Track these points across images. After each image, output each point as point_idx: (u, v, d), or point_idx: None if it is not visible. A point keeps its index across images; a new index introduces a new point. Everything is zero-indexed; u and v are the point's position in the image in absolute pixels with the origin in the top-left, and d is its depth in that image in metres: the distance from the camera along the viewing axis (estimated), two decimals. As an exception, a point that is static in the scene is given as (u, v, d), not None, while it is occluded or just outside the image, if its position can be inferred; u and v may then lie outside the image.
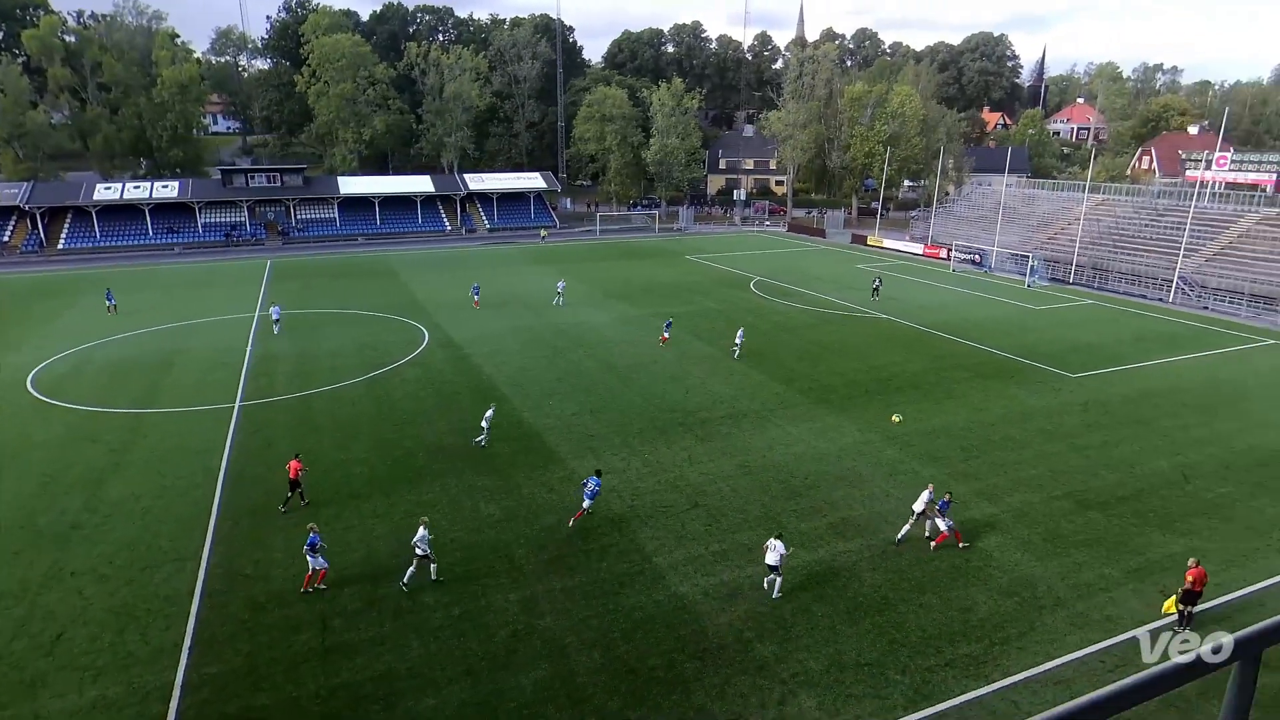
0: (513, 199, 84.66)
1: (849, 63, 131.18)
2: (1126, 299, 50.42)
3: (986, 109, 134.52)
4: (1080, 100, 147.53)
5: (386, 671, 14.63)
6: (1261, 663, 2.17)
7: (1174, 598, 16.04)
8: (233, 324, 41.14)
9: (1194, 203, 55.18)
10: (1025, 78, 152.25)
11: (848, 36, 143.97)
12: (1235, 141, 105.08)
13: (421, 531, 17.20)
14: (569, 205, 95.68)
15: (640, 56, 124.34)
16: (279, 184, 77.01)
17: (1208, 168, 62.08)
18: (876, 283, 49.35)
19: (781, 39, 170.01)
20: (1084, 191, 62.44)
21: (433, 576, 17.31)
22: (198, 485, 22.12)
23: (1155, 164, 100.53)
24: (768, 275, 55.88)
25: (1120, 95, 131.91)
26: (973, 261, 62.33)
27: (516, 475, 22.72)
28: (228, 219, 74.69)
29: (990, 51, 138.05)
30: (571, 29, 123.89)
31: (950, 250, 63.78)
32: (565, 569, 18.00)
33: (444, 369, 32.79)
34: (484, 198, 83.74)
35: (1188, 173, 67.96)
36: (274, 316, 39.37)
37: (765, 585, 17.14)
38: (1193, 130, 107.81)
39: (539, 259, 63.66)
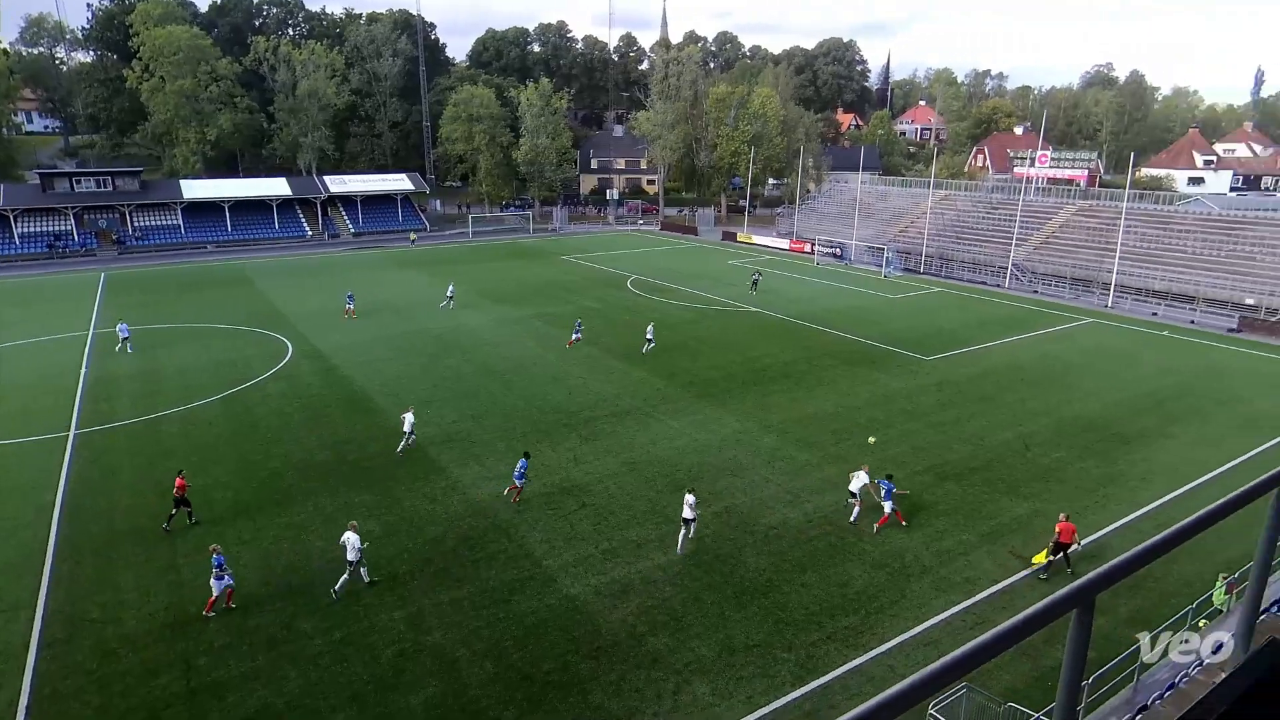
0: (378, 201, 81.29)
1: (712, 65, 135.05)
2: (970, 285, 54.83)
3: (840, 110, 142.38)
4: (922, 102, 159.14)
5: (262, 707, 13.69)
6: (1095, 607, 2.43)
7: (1045, 550, 18.34)
8: (62, 344, 37.14)
9: (1022, 197, 60.80)
10: (874, 81, 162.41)
11: (709, 39, 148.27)
12: (1053, 141, 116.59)
13: (352, 537, 16.91)
14: (439, 207, 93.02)
15: (506, 55, 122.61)
16: (111, 188, 70.16)
17: (1032, 165, 68.49)
18: (756, 276, 51.46)
19: (646, 40, 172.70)
20: (929, 188, 67.42)
21: (365, 579, 17.26)
22: (27, 525, 19.83)
23: (988, 161, 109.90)
24: (644, 273, 56.63)
25: (955, 98, 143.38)
26: (834, 255, 65.78)
27: (396, 489, 21.87)
28: (50, 228, 67.28)
29: (841, 56, 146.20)
30: (433, 25, 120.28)
31: (814, 244, 67.03)
32: (452, 580, 17.52)
33: (311, 382, 31.06)
34: (347, 201, 79.90)
35: (1016, 169, 74.78)
36: (122, 335, 35.80)
37: (679, 541, 18.73)
38: (1018, 130, 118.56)
39: (409, 263, 61.52)
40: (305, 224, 76.43)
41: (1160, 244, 52.15)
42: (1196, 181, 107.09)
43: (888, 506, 19.87)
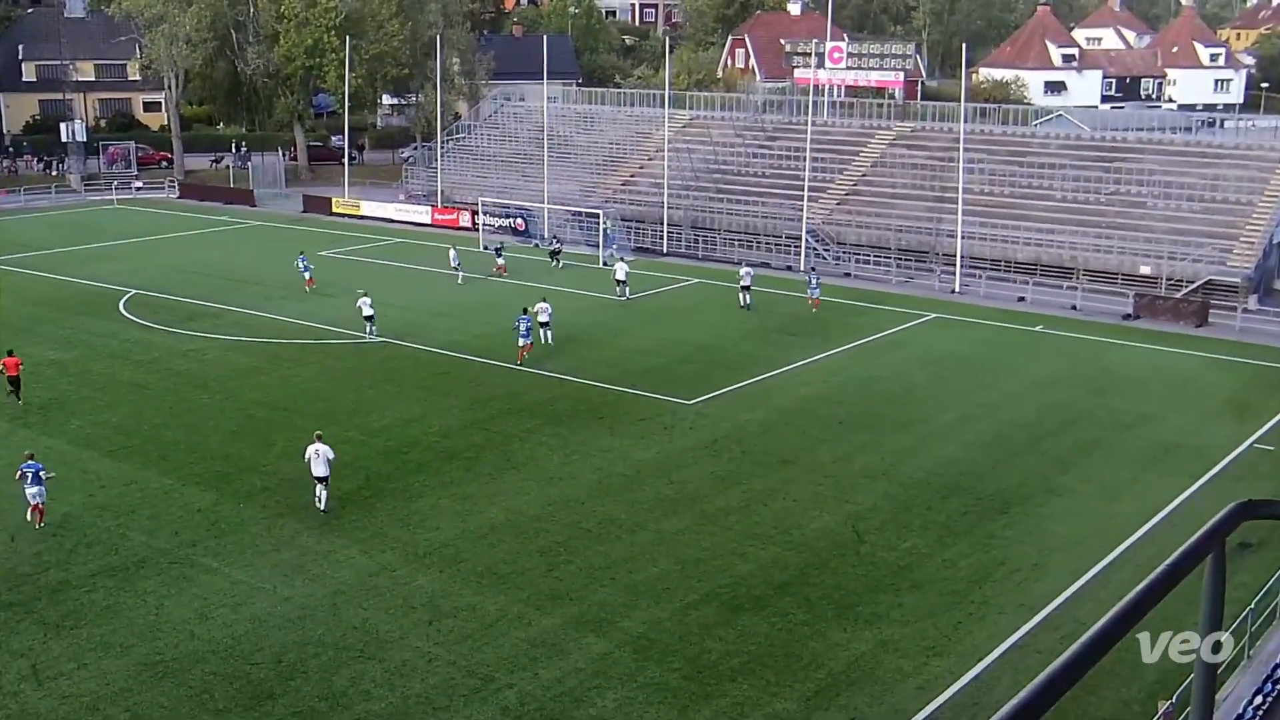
0: None
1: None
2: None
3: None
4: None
5: None
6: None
7: None
8: None
9: (810, 117, 67.78)
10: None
11: None
12: (848, 26, 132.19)
13: (322, 448, 28.10)
14: None
15: None
16: None
17: (821, 66, 76.84)
18: (555, 243, 60.89)
19: None
20: (664, 106, 72.36)
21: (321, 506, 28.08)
22: None
23: (754, 60, 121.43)
24: (153, 285, 53.86)
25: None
26: (514, 229, 67.86)
27: None
28: None
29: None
30: None
31: (476, 214, 68.65)
32: None
33: None
34: None
35: (796, 72, 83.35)
36: None
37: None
38: (794, 9, 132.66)
39: None
40: None
41: (1018, 186, 61.30)
42: (1056, 88, 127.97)
43: (817, 293, 48.48)
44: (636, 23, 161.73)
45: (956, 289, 55.46)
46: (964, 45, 75.75)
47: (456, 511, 29.02)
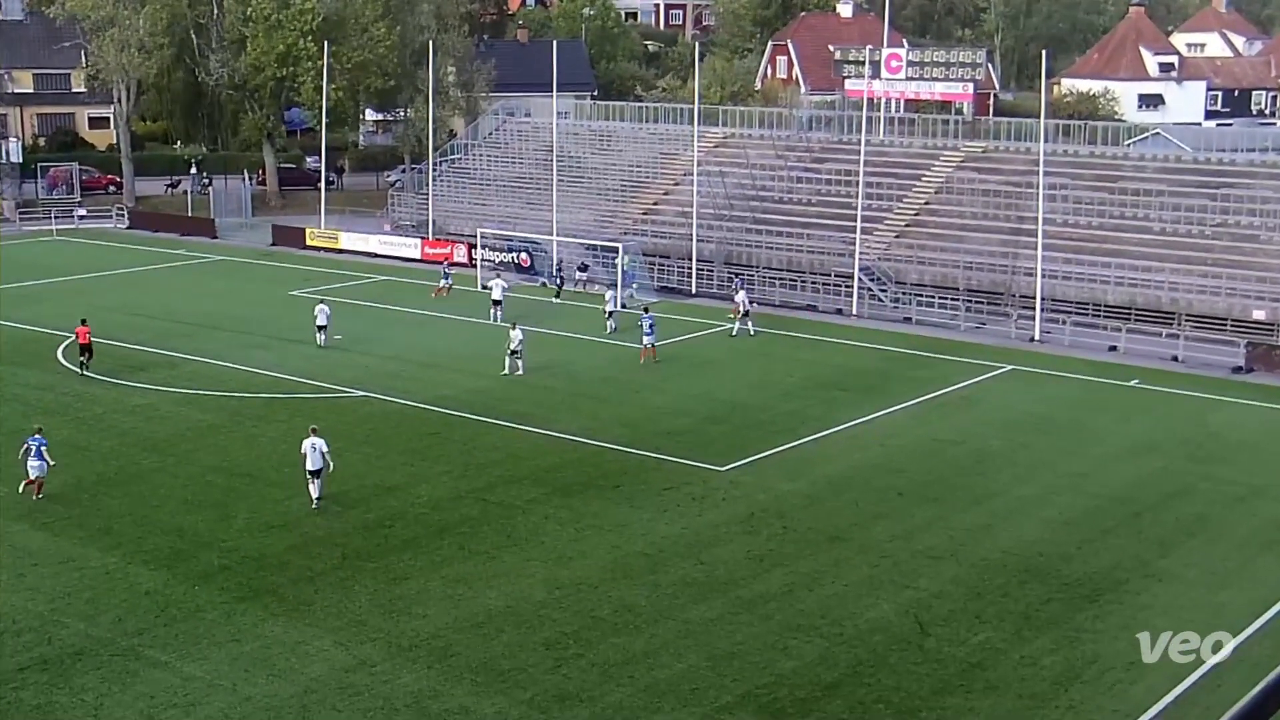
0: None
1: None
2: (785, 315, 59.66)
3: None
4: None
5: None
6: None
7: None
8: None
9: (864, 136, 67.65)
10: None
11: None
12: (908, 29, 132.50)
13: (318, 441, 32.84)
14: None
15: None
16: None
17: (875, 75, 76.89)
18: (559, 276, 63.12)
19: None
20: (694, 123, 72.31)
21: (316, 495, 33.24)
22: None
23: (797, 68, 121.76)
24: (98, 330, 53.74)
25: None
26: (518, 265, 67.89)
27: None
28: None
29: None
30: None
31: (473, 248, 68.93)
32: None
33: None
34: None
35: (847, 84, 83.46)
36: None
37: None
38: (845, 10, 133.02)
39: None
40: None
41: (1108, 217, 61.09)
42: (1152, 101, 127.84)
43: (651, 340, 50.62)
44: (661, 26, 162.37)
45: (1036, 336, 55.18)
46: (1044, 52, 75.87)
47: (448, 596, 28.84)
